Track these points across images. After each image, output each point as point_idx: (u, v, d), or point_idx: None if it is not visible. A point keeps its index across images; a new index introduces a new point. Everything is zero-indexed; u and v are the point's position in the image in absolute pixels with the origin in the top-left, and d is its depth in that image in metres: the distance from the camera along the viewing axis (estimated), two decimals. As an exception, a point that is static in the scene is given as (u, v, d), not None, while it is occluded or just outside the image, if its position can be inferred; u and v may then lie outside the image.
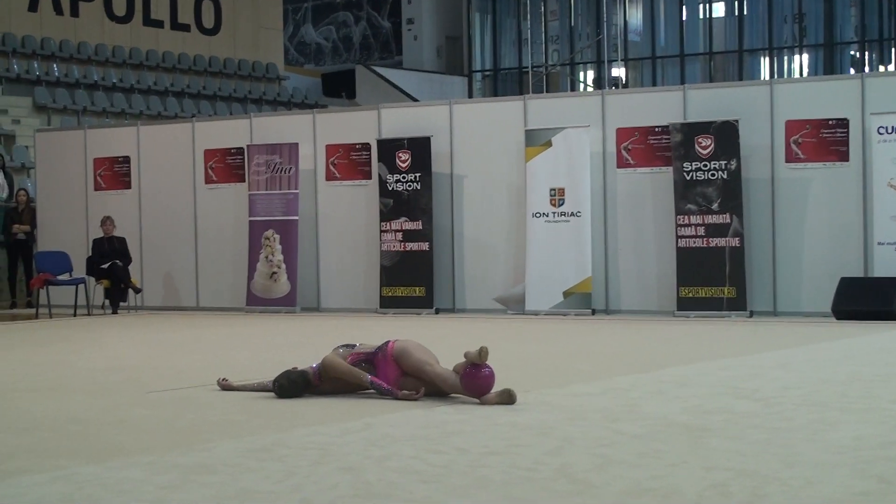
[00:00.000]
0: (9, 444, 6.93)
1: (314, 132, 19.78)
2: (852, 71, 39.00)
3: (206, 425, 7.51)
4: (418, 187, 18.58)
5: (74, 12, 32.55)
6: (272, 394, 8.67)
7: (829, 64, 39.71)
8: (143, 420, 7.81)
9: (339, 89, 41.38)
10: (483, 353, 8.08)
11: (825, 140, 16.58)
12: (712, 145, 16.79)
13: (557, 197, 17.68)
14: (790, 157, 16.76)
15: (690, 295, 16.88)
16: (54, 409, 8.39)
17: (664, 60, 42.34)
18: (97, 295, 20.09)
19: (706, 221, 16.80)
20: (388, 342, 8.61)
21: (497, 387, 8.18)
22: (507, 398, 8.08)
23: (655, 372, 10.11)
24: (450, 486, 5.55)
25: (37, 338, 15.46)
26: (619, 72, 40.41)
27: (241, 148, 20.16)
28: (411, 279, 18.59)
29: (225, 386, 9.11)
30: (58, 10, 32.20)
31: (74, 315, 19.40)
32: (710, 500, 5.16)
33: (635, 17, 42.81)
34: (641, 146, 17.59)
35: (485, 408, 7.95)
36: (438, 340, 11.14)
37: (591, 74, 44.01)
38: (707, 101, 17.36)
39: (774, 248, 16.86)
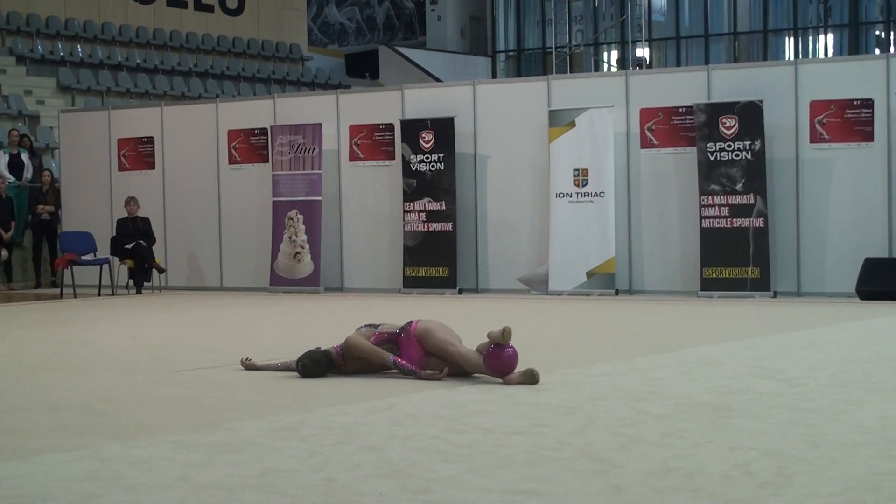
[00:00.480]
0: (35, 423, 6.97)
1: (337, 113, 19.79)
2: (877, 51, 38.80)
3: (230, 405, 7.53)
4: (442, 168, 18.58)
5: (98, -7, 32.63)
6: (296, 374, 8.68)
7: (853, 44, 39.52)
8: (168, 399, 7.84)
9: (363, 70, 41.37)
10: (506, 333, 8.08)
11: (850, 120, 16.51)
12: (736, 126, 16.73)
13: (581, 177, 17.65)
14: (814, 138, 16.70)
15: (714, 275, 16.85)
16: (80, 388, 8.43)
17: (688, 41, 42.18)
18: (121, 275, 20.15)
19: (730, 202, 16.76)
20: (411, 322, 8.62)
21: (520, 367, 8.18)
22: (531, 378, 8.08)
23: (679, 352, 10.10)
24: (473, 465, 5.55)
25: (61, 318, 15.52)
26: (643, 52, 40.26)
27: (265, 128, 20.17)
28: (435, 259, 18.60)
29: (249, 366, 9.13)
30: (82, -10, 32.30)
31: (98, 295, 19.47)
32: (734, 480, 5.16)
33: (659, -4, 42.69)
34: (665, 126, 17.54)
35: (508, 388, 7.96)
36: (462, 321, 11.14)
37: (614, 55, 43.88)
38: (731, 82, 17.30)
39: (798, 228, 16.81)
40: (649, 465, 5.50)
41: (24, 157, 22.48)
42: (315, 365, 8.62)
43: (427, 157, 18.65)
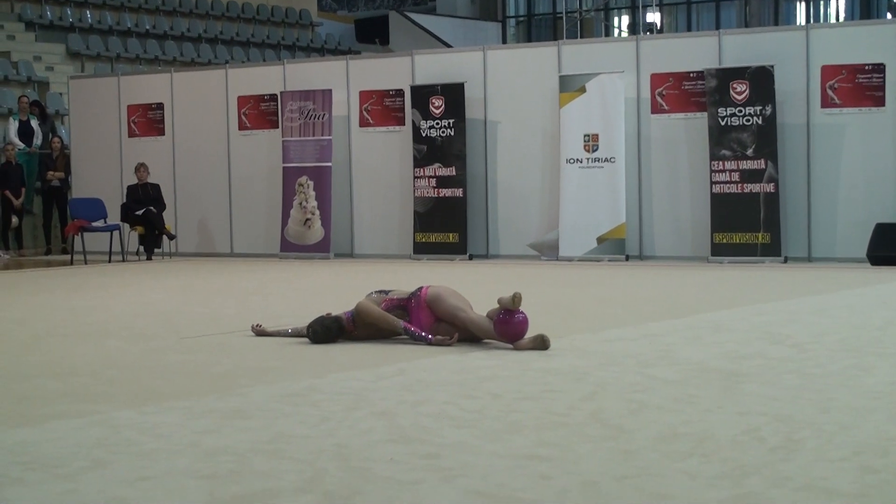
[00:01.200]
0: (46, 389, 6.98)
1: (347, 78, 19.75)
2: (889, 16, 38.63)
3: (240, 371, 7.54)
4: (452, 133, 18.55)
5: (107, -42, 32.54)
6: (306, 339, 8.69)
7: (865, 8, 39.36)
8: (178, 365, 7.85)
9: (373, 35, 41.27)
10: (516, 298, 8.08)
11: (861, 85, 16.45)
12: (747, 91, 16.68)
13: (591, 143, 17.62)
14: (825, 103, 16.65)
15: (725, 241, 16.83)
16: (90, 355, 8.44)
17: (699, 5, 42.02)
18: (131, 241, 20.17)
19: (741, 167, 16.73)
20: (421, 288, 8.61)
21: (530, 332, 8.18)
22: (541, 344, 8.08)
23: (689, 317, 10.09)
24: (483, 430, 5.56)
25: (72, 284, 15.55)
26: (653, 17, 40.13)
27: (275, 94, 20.16)
28: (445, 225, 18.60)
29: (259, 332, 9.14)
30: (91, -44, 32.19)
31: (109, 261, 19.49)
32: (744, 445, 5.16)
33: (670, -39, 42.49)
34: (676, 92, 17.49)
35: (518, 353, 7.96)
36: (472, 286, 11.14)
37: (625, 20, 43.76)
38: (742, 47, 17.23)
39: (809, 193, 16.77)
40: (659, 430, 5.50)
41: (34, 123, 22.47)
42: (325, 331, 8.63)
43: (437, 123, 18.62)
